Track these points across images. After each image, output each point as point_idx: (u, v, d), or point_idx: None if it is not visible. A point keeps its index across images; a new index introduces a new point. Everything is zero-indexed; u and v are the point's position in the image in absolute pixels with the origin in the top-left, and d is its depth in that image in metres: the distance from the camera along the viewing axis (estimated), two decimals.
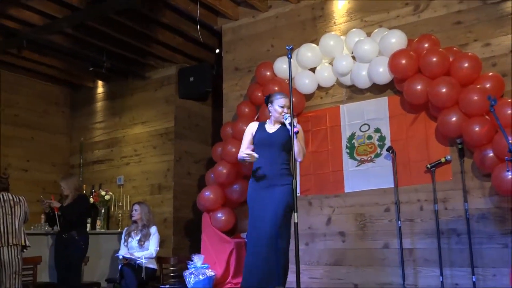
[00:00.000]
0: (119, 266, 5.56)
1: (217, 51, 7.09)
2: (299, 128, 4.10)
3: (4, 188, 4.92)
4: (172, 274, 5.91)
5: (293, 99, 3.92)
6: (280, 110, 4.07)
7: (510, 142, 3.66)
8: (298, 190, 5.46)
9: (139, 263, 5.39)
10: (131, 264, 5.43)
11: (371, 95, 5.34)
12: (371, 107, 5.31)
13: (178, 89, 7.43)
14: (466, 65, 4.55)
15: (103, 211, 7.14)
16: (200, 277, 5.00)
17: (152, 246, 5.62)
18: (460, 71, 4.56)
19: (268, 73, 5.72)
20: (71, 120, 8.56)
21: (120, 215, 7.18)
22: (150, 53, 7.21)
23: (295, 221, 3.52)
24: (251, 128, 4.27)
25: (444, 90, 4.53)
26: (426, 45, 4.81)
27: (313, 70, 5.56)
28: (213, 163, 5.97)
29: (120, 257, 5.56)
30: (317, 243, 5.41)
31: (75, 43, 6.71)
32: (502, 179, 4.20)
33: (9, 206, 4.72)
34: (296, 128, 3.81)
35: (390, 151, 5.02)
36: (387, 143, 5.14)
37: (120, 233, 6.16)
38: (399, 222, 4.86)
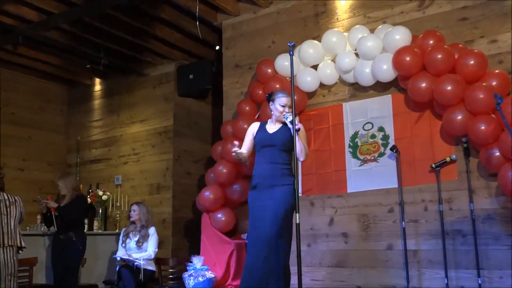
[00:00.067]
0: (117, 268, 5.56)
1: (217, 48, 7.10)
2: (301, 126, 4.09)
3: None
4: (171, 276, 5.92)
5: (295, 97, 3.91)
6: (281, 110, 4.06)
7: None
8: (300, 190, 5.46)
9: (138, 265, 5.40)
10: (129, 266, 5.43)
11: (375, 93, 5.34)
12: (375, 105, 5.31)
13: (177, 87, 7.43)
14: (472, 62, 4.55)
15: (101, 212, 7.16)
16: (200, 279, 5.01)
17: (151, 247, 5.63)
18: (466, 68, 4.56)
19: (269, 71, 5.73)
20: (68, 118, 8.57)
21: (118, 216, 7.19)
22: (149, 50, 7.21)
23: (297, 222, 3.52)
24: (252, 129, 4.28)
25: (449, 88, 4.54)
26: (431, 42, 4.82)
27: (315, 68, 5.56)
28: (213, 163, 5.97)
29: (118, 259, 5.56)
30: (319, 244, 5.41)
31: (72, 40, 6.72)
32: (509, 179, 4.20)
33: (4, 206, 4.72)
34: (298, 126, 3.81)
35: (394, 150, 5.02)
36: (391, 142, 5.14)
37: (118, 234, 6.17)
38: (403, 223, 4.87)
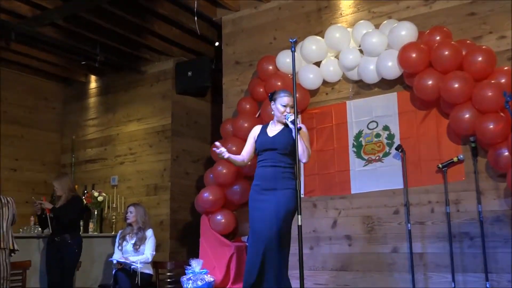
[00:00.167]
0: (113, 271, 5.58)
1: (217, 44, 7.10)
2: (303, 126, 4.10)
3: None
4: (169, 280, 5.93)
5: (297, 95, 3.92)
6: (282, 110, 4.06)
7: None
8: (302, 192, 5.46)
9: (134, 268, 5.41)
10: (126, 269, 5.45)
11: (380, 91, 5.35)
12: (380, 104, 5.32)
13: (176, 84, 7.44)
14: (480, 59, 4.55)
15: (96, 213, 7.16)
16: (199, 283, 5.01)
17: (148, 250, 5.64)
18: (474, 65, 4.56)
19: (271, 68, 5.73)
20: (63, 117, 8.58)
21: (114, 218, 7.20)
22: (146, 46, 7.22)
23: (299, 224, 3.52)
24: (254, 132, 4.30)
25: (457, 86, 4.54)
26: (438, 38, 4.82)
27: (318, 64, 5.57)
28: (212, 163, 5.98)
29: (114, 262, 5.58)
30: (322, 247, 5.42)
31: (67, 36, 6.72)
32: None
33: None
34: (299, 125, 3.81)
35: (400, 150, 5.02)
36: (396, 142, 5.15)
37: (114, 237, 6.18)
38: (409, 225, 4.87)
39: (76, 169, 8.16)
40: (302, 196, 5.17)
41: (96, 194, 7.17)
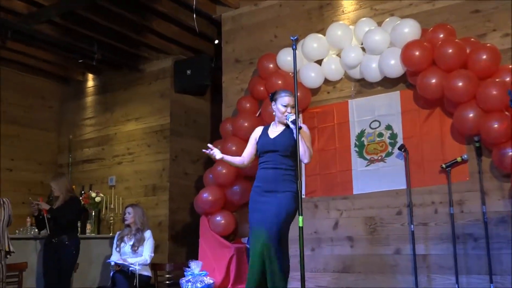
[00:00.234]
0: (111, 273, 5.59)
1: (216, 42, 7.11)
2: (304, 126, 4.11)
3: None
4: (168, 282, 5.94)
5: (298, 94, 3.92)
6: (283, 110, 4.05)
7: None
8: (303, 192, 5.47)
9: (132, 270, 5.42)
10: (124, 271, 5.45)
11: (382, 90, 5.35)
12: (382, 102, 5.33)
13: (174, 83, 7.45)
14: (484, 57, 4.56)
15: (94, 214, 7.17)
16: (198, 285, 5.03)
17: (146, 252, 5.65)
18: (478, 64, 4.57)
19: (271, 66, 5.74)
20: (59, 116, 8.59)
21: (112, 219, 7.20)
22: (144, 44, 7.22)
23: (300, 225, 3.53)
24: (255, 134, 4.31)
25: (461, 84, 4.54)
26: (442, 36, 4.82)
27: (320, 63, 5.58)
28: (212, 163, 5.98)
29: (112, 264, 5.58)
30: (324, 249, 5.43)
31: (64, 33, 6.72)
32: None
33: None
34: (300, 124, 3.81)
35: (402, 150, 5.03)
36: (399, 141, 5.16)
37: (112, 238, 6.19)
38: (412, 226, 4.88)
39: (73, 169, 8.16)
40: (303, 197, 5.19)
41: (94, 195, 7.17)
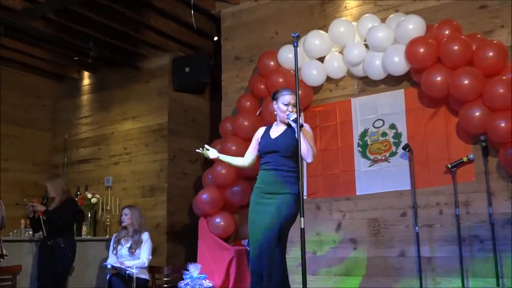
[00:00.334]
0: (108, 276, 5.59)
1: (216, 39, 7.11)
2: (307, 125, 4.10)
3: None
4: (166, 285, 5.95)
5: (300, 92, 3.92)
6: (285, 109, 4.04)
7: None
8: (305, 193, 5.49)
9: (130, 273, 5.42)
10: (121, 274, 5.46)
11: (386, 88, 5.36)
12: (386, 101, 5.33)
13: (173, 81, 7.45)
14: (491, 54, 4.56)
15: (90, 216, 7.17)
16: None
17: (144, 254, 5.65)
18: (485, 61, 4.57)
19: (272, 63, 5.74)
20: (54, 115, 8.59)
21: (108, 220, 7.21)
22: (142, 41, 7.23)
23: (302, 227, 3.53)
24: (257, 134, 4.30)
25: (467, 82, 4.55)
26: (447, 32, 4.83)
27: (322, 60, 5.58)
28: (211, 163, 5.98)
29: (109, 266, 5.59)
30: (326, 251, 5.43)
31: (59, 30, 6.73)
32: None
33: None
34: (301, 122, 3.79)
35: (407, 150, 5.04)
36: (404, 141, 5.16)
37: (109, 240, 6.20)
38: (417, 228, 4.88)
39: (69, 170, 8.17)
40: (305, 198, 5.20)
41: (90, 196, 7.18)
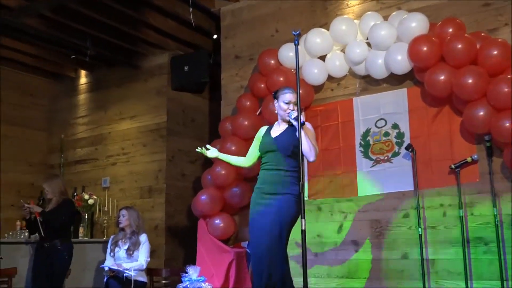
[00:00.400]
0: (105, 279, 5.59)
1: (215, 37, 7.11)
2: (308, 123, 4.10)
3: None
4: None
5: (301, 91, 3.92)
6: (285, 107, 4.03)
7: None
8: (306, 194, 5.48)
9: (127, 276, 5.42)
10: (118, 277, 5.46)
11: (388, 87, 5.36)
12: (388, 100, 5.33)
13: (171, 80, 7.45)
14: (496, 53, 4.56)
15: (87, 217, 7.17)
16: None
17: (142, 256, 5.65)
18: (489, 59, 4.57)
19: (272, 62, 5.74)
20: (51, 114, 8.60)
21: (106, 222, 7.21)
22: (140, 39, 7.23)
23: (303, 228, 3.53)
24: (259, 133, 4.30)
25: (471, 81, 4.55)
26: (451, 30, 4.83)
27: (323, 59, 5.58)
28: (210, 163, 5.99)
29: (106, 269, 5.59)
30: (327, 254, 5.43)
31: (55, 28, 6.73)
32: None
33: None
34: (303, 120, 3.77)
35: (410, 150, 5.03)
36: (406, 141, 5.16)
37: (106, 242, 6.19)
38: (420, 230, 4.87)
39: (65, 170, 8.17)
40: (306, 199, 5.20)
41: (87, 197, 7.17)
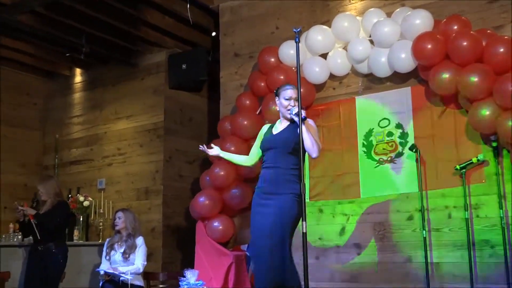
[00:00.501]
0: (100, 283, 5.59)
1: (214, 34, 7.11)
2: (310, 120, 4.08)
3: None
4: None
5: (302, 90, 3.92)
6: (286, 104, 4.04)
7: None
8: (307, 195, 5.48)
9: (124, 280, 5.41)
10: (114, 281, 5.45)
11: (392, 85, 5.36)
12: (392, 99, 5.33)
13: (169, 78, 7.45)
14: (502, 50, 4.55)
15: (82, 220, 7.17)
16: None
17: (139, 260, 5.64)
18: (495, 57, 4.57)
19: (273, 60, 5.74)
20: (45, 114, 8.60)
21: (101, 224, 7.20)
22: (136, 37, 7.23)
23: (304, 231, 3.53)
24: (261, 131, 4.30)
25: (476, 79, 4.55)
26: (456, 27, 4.83)
27: (325, 56, 5.58)
28: (209, 164, 5.99)
29: (102, 273, 5.58)
30: (329, 257, 5.43)
31: (49, 25, 6.73)
32: None
33: None
34: (304, 115, 3.75)
35: (414, 150, 5.03)
36: (410, 141, 5.16)
37: (101, 245, 6.19)
38: (424, 232, 4.88)
39: (60, 171, 8.17)
40: (307, 201, 5.20)
41: (82, 199, 7.17)
